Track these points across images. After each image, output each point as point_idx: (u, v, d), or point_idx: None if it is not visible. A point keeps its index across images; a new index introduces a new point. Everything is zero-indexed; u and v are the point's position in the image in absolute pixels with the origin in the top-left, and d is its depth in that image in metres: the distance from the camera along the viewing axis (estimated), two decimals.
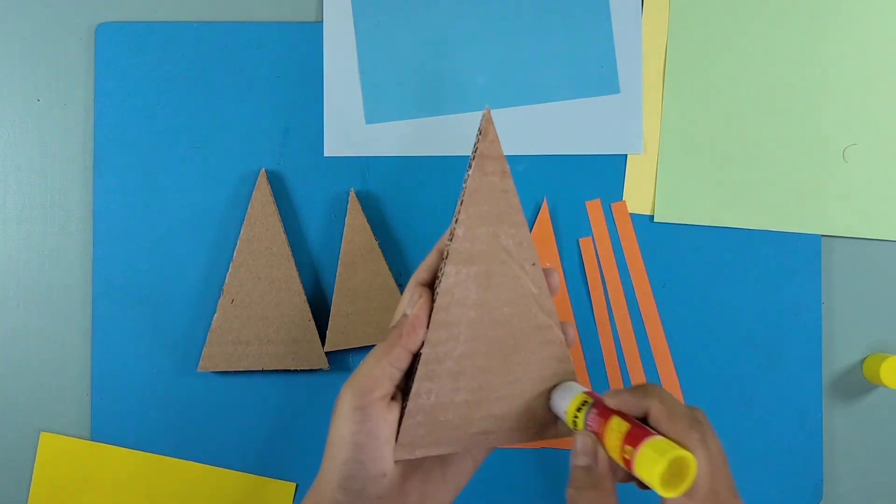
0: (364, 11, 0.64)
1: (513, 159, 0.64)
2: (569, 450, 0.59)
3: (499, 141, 0.44)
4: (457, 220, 0.44)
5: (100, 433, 0.62)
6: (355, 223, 0.62)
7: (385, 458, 0.43)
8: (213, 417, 0.62)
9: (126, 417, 0.62)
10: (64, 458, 0.62)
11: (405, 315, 0.44)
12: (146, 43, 0.63)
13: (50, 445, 0.62)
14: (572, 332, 0.48)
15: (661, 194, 0.64)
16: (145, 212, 0.63)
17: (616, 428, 0.40)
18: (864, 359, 0.65)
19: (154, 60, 0.63)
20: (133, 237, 0.63)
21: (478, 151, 0.44)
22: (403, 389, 0.45)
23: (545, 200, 0.64)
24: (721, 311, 0.64)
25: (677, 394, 0.64)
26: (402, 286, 0.63)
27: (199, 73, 0.63)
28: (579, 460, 0.42)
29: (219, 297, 0.61)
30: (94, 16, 0.64)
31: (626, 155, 0.64)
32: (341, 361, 0.63)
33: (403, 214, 0.63)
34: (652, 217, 0.64)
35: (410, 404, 0.44)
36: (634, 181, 0.64)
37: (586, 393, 0.45)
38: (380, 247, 0.62)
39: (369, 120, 0.64)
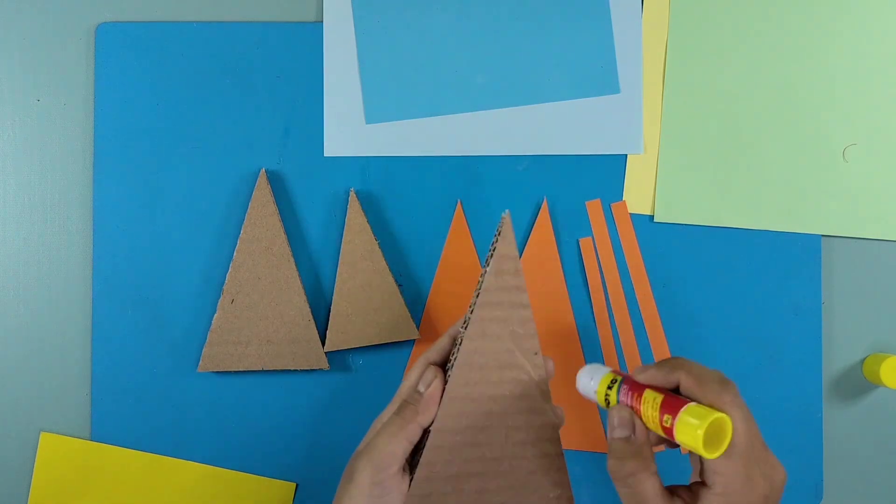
0: (364, 11, 0.64)
1: (513, 159, 0.64)
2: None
3: (515, 242, 0.49)
4: (472, 311, 0.48)
5: (100, 433, 0.62)
6: (355, 223, 0.62)
7: None
8: (213, 417, 0.62)
9: (126, 417, 0.62)
10: (64, 458, 0.62)
11: (418, 392, 0.48)
12: (146, 43, 0.63)
13: (50, 445, 0.62)
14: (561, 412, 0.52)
15: (661, 194, 0.64)
16: (145, 212, 0.63)
17: (651, 400, 0.44)
18: (864, 359, 0.65)
19: (154, 60, 0.63)
20: (133, 237, 0.63)
21: (496, 251, 0.48)
22: (409, 461, 0.49)
23: (545, 200, 0.64)
24: (721, 312, 0.64)
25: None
26: (402, 286, 0.63)
27: (199, 73, 0.63)
28: (617, 433, 0.45)
29: (219, 297, 0.61)
30: (94, 16, 0.64)
31: (626, 155, 0.64)
32: (341, 361, 0.63)
33: (403, 214, 0.63)
34: (652, 217, 0.64)
35: (420, 473, 0.48)
36: (634, 181, 0.64)
37: (613, 371, 0.48)
38: (380, 247, 0.62)
39: (369, 120, 0.64)
